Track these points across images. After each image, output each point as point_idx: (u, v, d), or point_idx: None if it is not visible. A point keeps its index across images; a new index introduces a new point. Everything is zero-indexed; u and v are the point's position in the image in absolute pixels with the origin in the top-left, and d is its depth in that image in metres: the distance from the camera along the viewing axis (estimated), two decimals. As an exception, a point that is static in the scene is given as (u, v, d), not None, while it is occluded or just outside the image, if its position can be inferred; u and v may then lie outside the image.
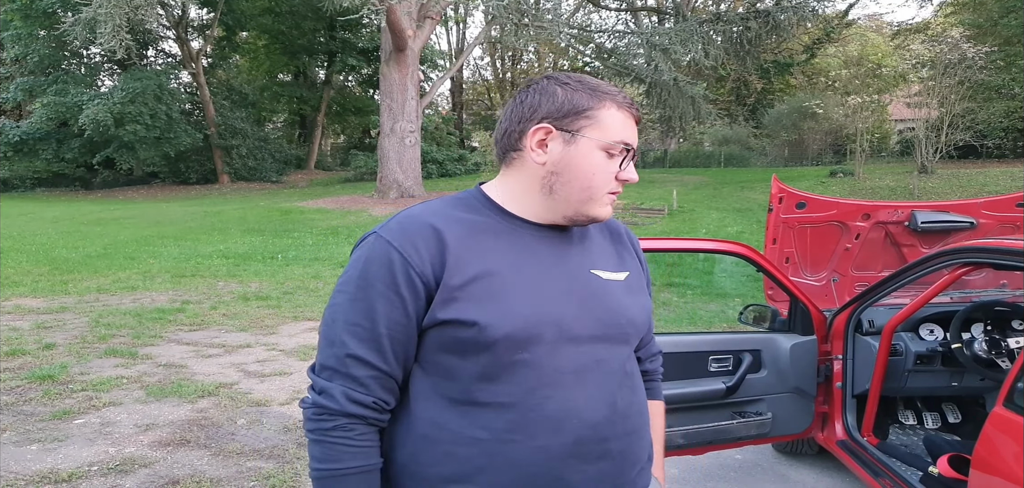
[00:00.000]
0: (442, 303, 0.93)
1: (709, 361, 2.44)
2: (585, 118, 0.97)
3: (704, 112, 19.44)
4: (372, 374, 0.94)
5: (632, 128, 1.00)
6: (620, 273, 1.07)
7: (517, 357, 0.93)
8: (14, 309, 6.51)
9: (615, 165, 0.99)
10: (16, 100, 25.81)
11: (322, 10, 24.05)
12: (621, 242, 1.13)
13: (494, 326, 0.92)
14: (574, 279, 1.00)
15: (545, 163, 0.99)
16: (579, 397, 0.96)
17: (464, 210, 1.01)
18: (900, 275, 2.37)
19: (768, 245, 3.21)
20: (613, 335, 1.01)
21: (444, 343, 0.94)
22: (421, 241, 0.94)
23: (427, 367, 0.96)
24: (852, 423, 2.57)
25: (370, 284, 0.93)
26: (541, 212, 1.01)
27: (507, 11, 13.05)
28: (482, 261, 0.95)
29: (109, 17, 12.82)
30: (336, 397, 0.93)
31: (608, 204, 1.01)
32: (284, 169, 29.33)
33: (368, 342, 0.93)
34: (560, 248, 1.01)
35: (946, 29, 20.31)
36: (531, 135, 0.99)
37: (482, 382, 0.94)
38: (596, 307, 1.00)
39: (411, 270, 0.92)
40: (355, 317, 0.94)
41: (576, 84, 1.00)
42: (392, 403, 0.97)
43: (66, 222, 15.83)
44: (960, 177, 17.66)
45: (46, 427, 3.50)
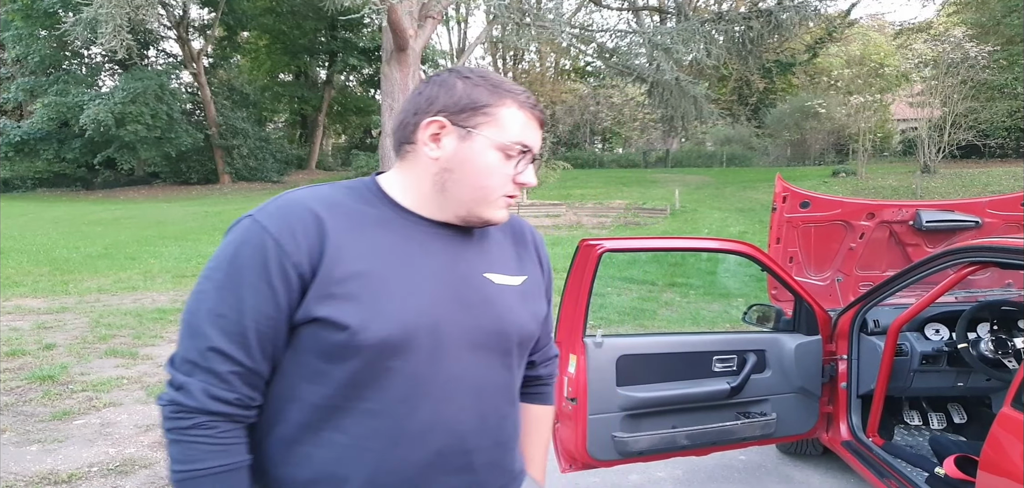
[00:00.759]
0: (317, 298, 0.86)
1: (713, 361, 2.42)
2: (483, 115, 0.92)
3: (706, 112, 19.41)
4: (236, 370, 0.86)
5: (534, 130, 0.95)
6: (516, 277, 1.02)
7: (389, 364, 0.88)
8: (14, 309, 6.51)
9: (512, 167, 0.94)
10: (17, 100, 25.85)
11: (323, 10, 24.03)
12: (523, 243, 1.08)
13: (367, 330, 0.86)
14: (464, 283, 0.95)
15: (438, 159, 0.93)
16: (449, 408, 0.92)
17: (354, 199, 0.94)
18: (905, 274, 2.35)
19: (772, 244, 3.19)
20: (495, 345, 0.96)
21: (315, 343, 0.87)
22: (300, 228, 0.87)
23: (293, 365, 0.90)
24: (857, 424, 2.55)
25: (240, 272, 0.86)
26: (434, 209, 0.96)
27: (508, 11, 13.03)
28: (364, 257, 0.89)
29: (110, 17, 12.80)
30: (195, 393, 0.85)
31: (503, 207, 0.96)
32: (285, 169, 29.35)
33: (233, 335, 0.86)
34: (455, 248, 0.96)
35: (949, 28, 20.23)
36: (424, 128, 0.93)
37: (350, 387, 0.88)
38: (483, 314, 0.95)
39: (286, 260, 0.85)
40: (221, 307, 0.86)
41: (478, 79, 0.95)
42: (258, 400, 0.90)
43: (67, 222, 15.83)
44: (963, 177, 17.61)
45: (46, 428, 3.48)
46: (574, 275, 2.29)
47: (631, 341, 2.37)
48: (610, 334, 2.36)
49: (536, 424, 1.18)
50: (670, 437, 2.34)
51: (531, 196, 17.27)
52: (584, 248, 2.28)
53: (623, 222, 15.06)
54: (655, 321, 5.99)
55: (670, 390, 2.35)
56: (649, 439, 2.31)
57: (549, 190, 18.47)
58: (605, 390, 2.26)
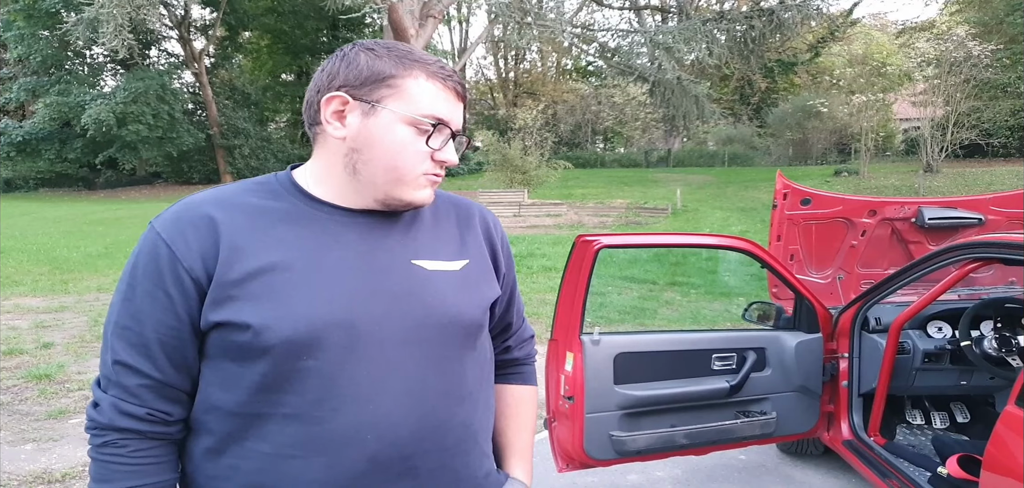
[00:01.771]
0: (213, 303, 0.82)
1: (712, 359, 2.39)
2: (387, 87, 0.85)
3: (708, 111, 19.36)
4: (143, 383, 0.83)
5: (450, 102, 0.88)
6: (455, 262, 0.94)
7: (301, 364, 0.82)
8: (14, 308, 6.50)
9: (427, 143, 0.87)
10: (19, 100, 25.91)
11: (324, 9, 24.02)
12: (469, 226, 1.00)
13: (271, 329, 0.80)
14: (386, 273, 0.88)
15: (344, 138, 0.87)
16: (378, 409, 0.84)
17: (259, 195, 0.89)
18: (907, 271, 2.32)
19: (772, 242, 3.16)
20: (430, 337, 0.89)
21: (222, 348, 0.84)
22: (192, 232, 0.83)
23: (209, 374, 0.86)
24: (859, 423, 2.51)
25: (138, 282, 0.83)
26: (349, 195, 0.89)
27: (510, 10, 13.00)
28: (266, 253, 0.84)
29: (111, 17, 12.80)
30: (105, 409, 0.83)
31: (425, 187, 0.89)
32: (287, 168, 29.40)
33: (137, 347, 0.83)
34: (375, 236, 0.89)
35: (951, 27, 20.17)
36: (326, 105, 0.87)
37: (264, 392, 0.83)
38: (411, 305, 0.88)
39: (178, 265, 0.82)
40: (124, 319, 0.83)
41: (383, 50, 0.87)
42: (177, 413, 0.86)
43: (68, 222, 15.84)
44: (966, 176, 17.55)
45: (41, 427, 3.46)
46: (571, 272, 2.26)
47: (629, 338, 2.34)
48: (608, 332, 2.33)
49: (517, 406, 1.10)
50: (669, 436, 2.30)
51: (533, 195, 17.25)
52: (581, 244, 2.25)
53: (625, 221, 15.03)
54: (656, 320, 5.96)
55: (668, 388, 2.31)
56: (647, 438, 2.28)
57: (550, 189, 18.45)
58: (602, 388, 2.23)
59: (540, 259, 9.43)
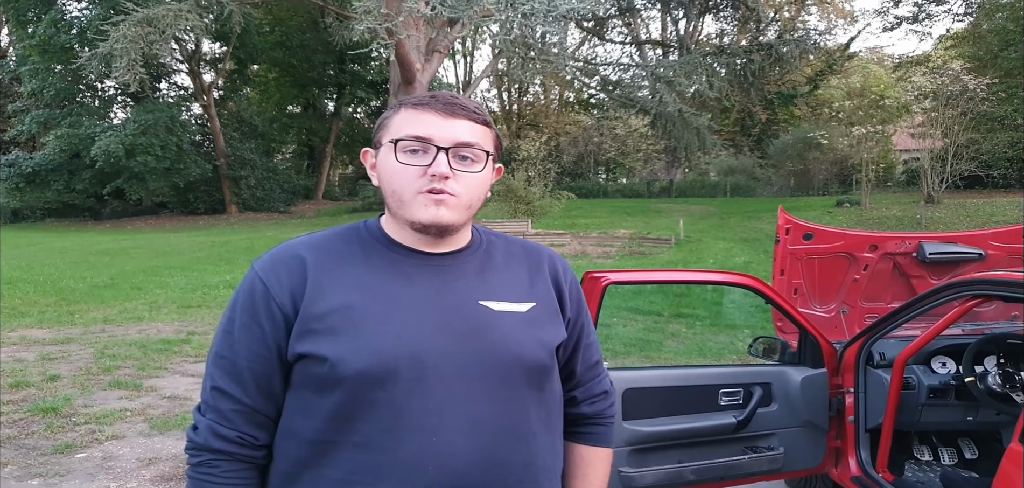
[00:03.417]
0: (298, 335, 0.91)
1: (719, 394, 2.41)
2: (383, 129, 0.98)
3: (709, 143, 19.52)
4: (236, 408, 0.92)
5: (433, 121, 0.93)
6: (522, 304, 0.98)
7: (372, 395, 0.89)
8: (20, 340, 6.52)
9: (416, 162, 0.93)
10: (31, 133, 26.24)
11: (332, 44, 24.48)
12: (539, 270, 1.04)
13: (346, 362, 0.88)
14: (454, 311, 0.93)
15: (379, 183, 1.00)
16: (441, 441, 0.89)
17: (345, 240, 0.99)
18: (910, 307, 2.34)
19: (776, 276, 3.19)
20: (494, 374, 0.93)
21: (303, 378, 0.92)
22: (284, 270, 0.94)
23: (292, 403, 0.94)
24: (866, 458, 2.51)
25: (236, 315, 0.94)
26: (400, 232, 0.99)
27: (514, 45, 13.24)
28: (345, 292, 0.92)
29: (125, 52, 13.07)
30: (202, 431, 0.93)
31: (429, 204, 0.93)
32: (292, 199, 29.56)
33: (231, 375, 0.92)
34: (446, 278, 0.96)
35: (947, 62, 20.43)
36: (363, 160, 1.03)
37: (338, 421, 0.90)
38: (476, 343, 0.92)
39: (271, 300, 0.92)
40: (222, 349, 0.94)
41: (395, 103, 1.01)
42: (263, 438, 0.94)
43: (74, 252, 15.93)
44: (967, 207, 17.58)
45: (48, 461, 3.47)
46: (578, 308, 2.29)
47: (637, 374, 2.36)
48: (615, 367, 2.36)
49: (583, 467, 1.10)
50: (677, 472, 2.31)
51: (536, 225, 17.32)
52: (589, 280, 2.29)
53: (628, 252, 15.05)
54: (661, 352, 5.96)
55: (676, 424, 2.33)
56: (655, 474, 2.28)
57: (554, 220, 18.51)
58: None
59: (544, 291, 9.42)
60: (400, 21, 10.02)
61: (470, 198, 0.96)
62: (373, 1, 9.95)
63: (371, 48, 10.25)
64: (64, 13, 23.81)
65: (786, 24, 25.11)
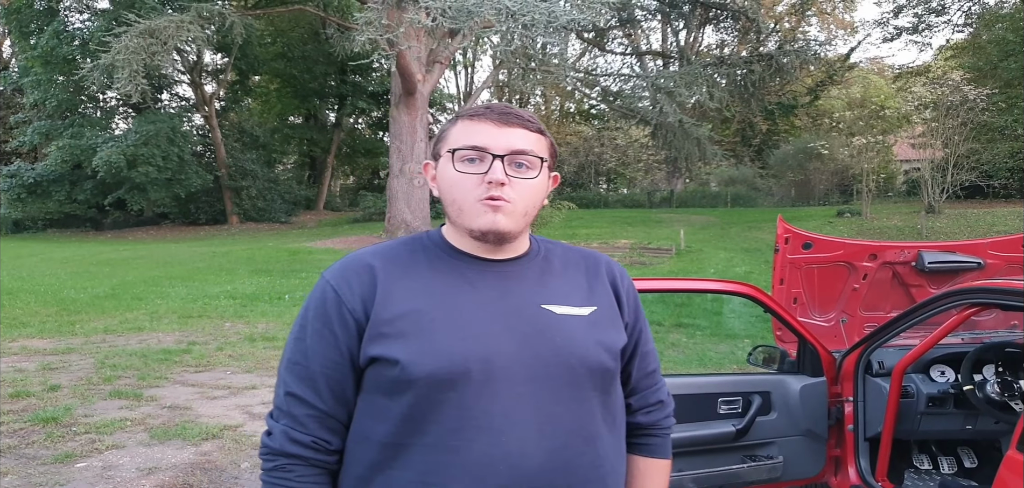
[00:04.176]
0: (370, 339, 0.94)
1: (718, 403, 2.41)
2: (442, 142, 1.01)
3: (710, 153, 19.58)
4: (310, 413, 0.95)
5: (488, 131, 0.96)
6: (583, 308, 1.01)
7: (443, 397, 0.91)
8: (20, 350, 6.52)
9: (474, 171, 0.96)
10: (33, 143, 26.34)
11: (333, 55, 24.64)
12: (597, 276, 1.07)
13: (417, 364, 0.91)
14: (518, 314, 0.96)
15: (439, 194, 1.03)
16: (511, 442, 0.90)
17: (410, 250, 1.02)
18: (909, 315, 2.35)
19: (775, 285, 3.20)
20: (559, 375, 0.94)
21: (376, 382, 0.94)
22: (355, 277, 0.97)
23: (364, 407, 0.96)
24: (866, 467, 2.51)
25: (309, 323, 0.97)
26: (461, 240, 1.02)
27: (515, 56, 13.32)
28: (414, 297, 0.95)
29: (127, 63, 13.17)
30: (277, 436, 0.95)
31: (485, 212, 0.95)
32: (293, 210, 29.62)
33: (305, 380, 0.95)
34: (508, 283, 0.99)
35: (947, 72, 20.50)
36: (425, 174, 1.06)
37: (409, 422, 0.92)
38: (540, 345, 0.94)
39: (343, 306, 0.95)
40: (295, 356, 0.97)
41: (453, 115, 1.05)
42: (335, 443, 0.97)
43: (76, 263, 15.96)
44: (967, 216, 17.60)
45: (48, 471, 3.47)
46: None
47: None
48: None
49: (637, 479, 1.10)
50: (676, 481, 2.31)
51: (537, 234, 17.35)
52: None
53: (629, 262, 15.05)
54: (661, 362, 5.93)
55: (676, 432, 2.32)
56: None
57: (555, 230, 18.53)
58: None
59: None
60: (401, 32, 10.09)
61: (526, 205, 0.98)
62: (374, 12, 10.03)
63: (372, 59, 10.32)
64: (66, 25, 23.95)
65: (786, 35, 25.25)
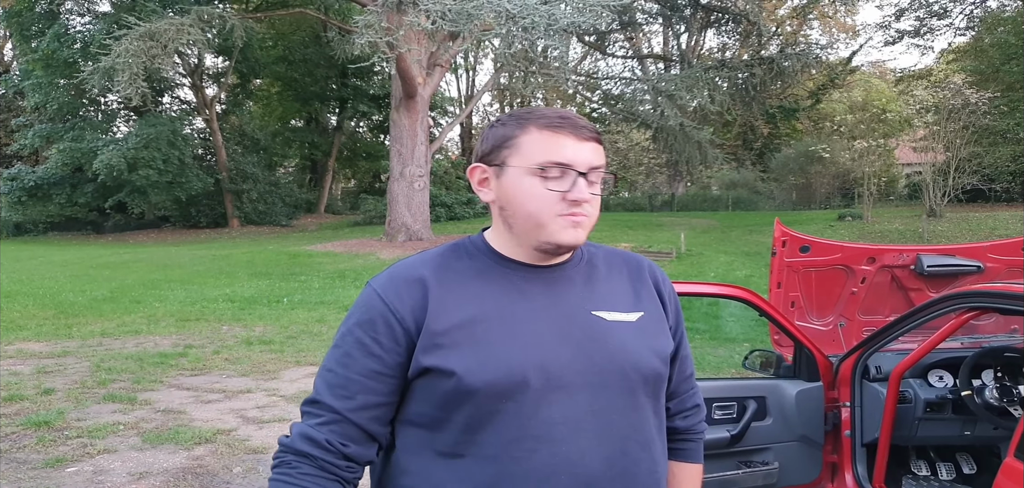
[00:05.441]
0: (424, 350, 0.91)
1: (712, 408, 2.37)
2: (507, 148, 0.97)
3: (711, 156, 19.56)
4: (331, 416, 0.93)
5: (569, 144, 0.94)
6: (631, 314, 1.00)
7: (501, 407, 0.90)
8: (16, 353, 6.51)
9: (557, 186, 0.93)
10: (33, 146, 26.39)
11: (334, 58, 24.67)
12: (641, 280, 1.06)
13: (474, 373, 0.89)
14: (570, 321, 0.95)
15: (495, 200, 0.99)
16: (571, 450, 0.90)
17: (457, 257, 1.00)
18: (906, 319, 2.31)
19: (772, 289, 3.17)
20: (614, 382, 0.94)
21: (428, 393, 0.92)
22: (405, 289, 0.94)
23: (413, 418, 0.95)
24: (863, 473, 2.47)
25: (351, 331, 0.95)
26: (515, 249, 0.99)
27: (516, 59, 13.32)
28: (467, 307, 0.93)
29: (127, 66, 13.19)
30: (293, 434, 0.94)
31: (567, 227, 0.94)
32: (294, 213, 29.64)
33: (335, 388, 0.94)
34: (556, 288, 0.98)
35: (949, 75, 20.48)
36: (470, 175, 1.01)
37: (466, 433, 0.91)
38: (594, 352, 0.94)
39: (392, 317, 0.93)
40: (331, 363, 0.95)
41: (508, 117, 0.99)
42: (353, 450, 0.94)
43: (75, 266, 15.96)
44: (969, 220, 17.54)
45: (38, 476, 3.44)
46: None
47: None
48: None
49: (675, 483, 1.11)
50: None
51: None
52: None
53: (628, 266, 15.02)
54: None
55: None
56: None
57: (554, 234, 18.50)
58: None
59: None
60: (401, 35, 10.09)
61: (595, 216, 0.98)
62: (374, 15, 10.03)
63: (373, 62, 10.33)
64: (68, 28, 24.00)
65: (788, 38, 25.26)
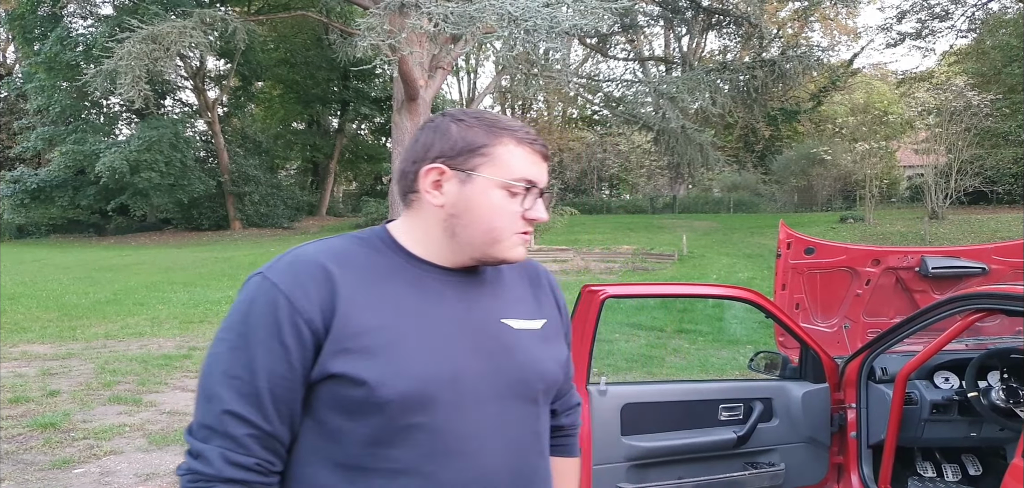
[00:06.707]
0: (332, 354, 0.84)
1: (719, 410, 2.38)
2: (480, 156, 0.91)
3: (712, 159, 19.55)
4: (252, 433, 0.84)
5: (537, 164, 0.94)
6: (535, 321, 0.99)
7: (412, 420, 0.85)
8: (21, 355, 6.52)
9: (519, 204, 0.92)
10: (36, 149, 26.43)
11: (336, 61, 24.69)
12: (539, 285, 1.05)
13: (386, 385, 0.83)
14: (482, 331, 0.92)
15: (443, 205, 0.92)
16: (482, 463, 0.89)
17: (366, 251, 0.93)
18: (912, 321, 2.32)
19: (777, 291, 3.17)
20: (522, 393, 0.93)
21: (333, 401, 0.85)
22: (311, 283, 0.85)
23: (314, 426, 0.87)
24: (869, 475, 2.48)
25: (252, 331, 0.84)
26: (447, 255, 0.94)
27: (517, 61, 13.33)
28: (378, 310, 0.87)
29: (130, 69, 13.20)
30: (213, 460, 0.82)
31: (518, 244, 0.94)
32: (296, 215, 29.66)
33: (248, 397, 0.83)
34: (469, 294, 0.94)
35: (950, 78, 20.47)
36: (424, 176, 0.93)
37: (371, 445, 0.85)
38: (505, 362, 0.92)
39: (298, 316, 0.84)
40: (234, 369, 0.84)
41: (472, 120, 0.93)
42: (278, 465, 0.87)
43: (78, 268, 15.98)
44: (971, 222, 17.52)
45: (45, 477, 3.45)
46: (577, 322, 2.28)
47: (636, 389, 2.34)
48: (616, 381, 2.34)
49: (561, 479, 1.12)
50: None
51: (539, 241, 17.33)
52: (586, 294, 2.28)
53: (631, 267, 15.02)
54: (663, 368, 5.91)
55: (676, 440, 2.30)
56: (654, 490, 2.26)
57: (557, 235, 18.52)
58: (610, 440, 2.22)
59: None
60: (403, 37, 10.09)
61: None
62: (376, 18, 10.04)
63: (375, 65, 10.32)
64: (70, 30, 24.07)
65: (789, 40, 25.22)
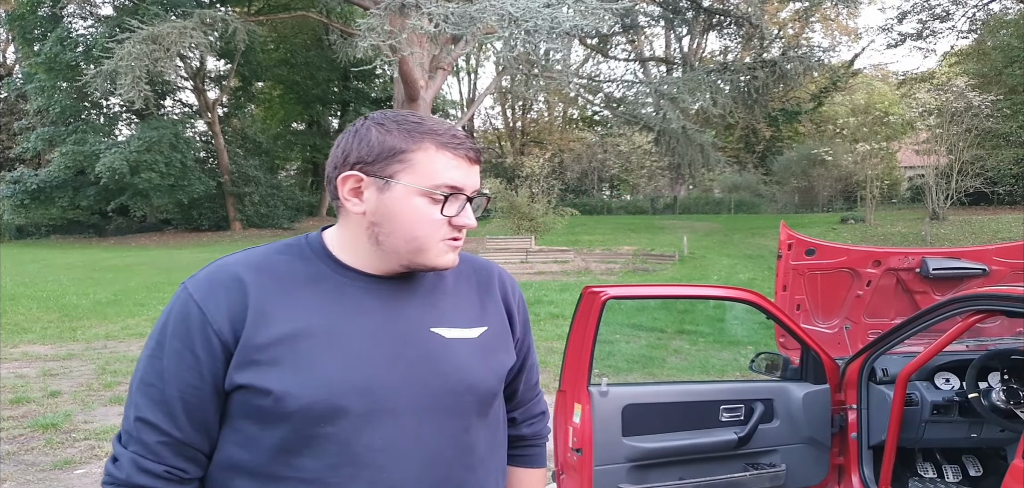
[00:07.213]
0: (239, 365, 0.84)
1: (720, 410, 2.39)
2: (398, 162, 0.88)
3: (713, 159, 19.54)
4: (162, 440, 0.85)
5: (462, 168, 0.89)
6: (473, 330, 0.95)
7: (319, 431, 0.84)
8: (21, 356, 6.53)
9: (447, 211, 0.89)
10: (36, 150, 26.45)
11: (336, 61, 24.73)
12: (489, 291, 1.01)
13: (292, 396, 0.83)
14: (404, 341, 0.89)
15: (364, 212, 0.90)
16: (393, 477, 0.86)
17: (289, 258, 0.91)
18: (913, 322, 2.32)
19: (778, 292, 3.17)
20: (445, 406, 0.90)
21: (244, 409, 0.86)
22: (222, 293, 0.86)
23: (230, 433, 0.87)
24: (870, 476, 2.48)
25: (167, 340, 0.86)
26: (374, 262, 0.91)
27: (518, 62, 13.33)
28: (290, 319, 0.86)
29: (130, 69, 13.21)
30: (124, 465, 0.85)
31: (447, 252, 0.91)
32: (296, 216, 29.67)
33: (159, 405, 0.85)
34: (396, 303, 0.91)
35: (951, 78, 20.46)
36: (342, 183, 0.90)
37: (283, 454, 0.85)
38: (427, 373, 0.89)
39: (208, 327, 0.84)
40: (149, 377, 0.86)
41: (392, 124, 0.89)
42: (192, 472, 0.87)
43: (78, 269, 15.99)
44: (972, 223, 17.52)
45: (47, 478, 3.45)
46: (578, 323, 2.29)
47: (637, 390, 2.34)
48: (616, 383, 2.34)
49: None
50: (679, 489, 2.29)
51: (540, 242, 17.33)
52: (587, 295, 2.28)
53: (631, 268, 15.02)
54: (664, 369, 5.91)
55: (677, 440, 2.31)
56: (655, 491, 2.26)
57: (558, 236, 18.53)
58: (611, 440, 2.23)
59: (548, 306, 9.42)
60: (404, 38, 10.10)
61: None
62: (377, 18, 10.05)
63: (375, 65, 10.32)
64: (70, 31, 24.11)
65: (790, 41, 25.22)
